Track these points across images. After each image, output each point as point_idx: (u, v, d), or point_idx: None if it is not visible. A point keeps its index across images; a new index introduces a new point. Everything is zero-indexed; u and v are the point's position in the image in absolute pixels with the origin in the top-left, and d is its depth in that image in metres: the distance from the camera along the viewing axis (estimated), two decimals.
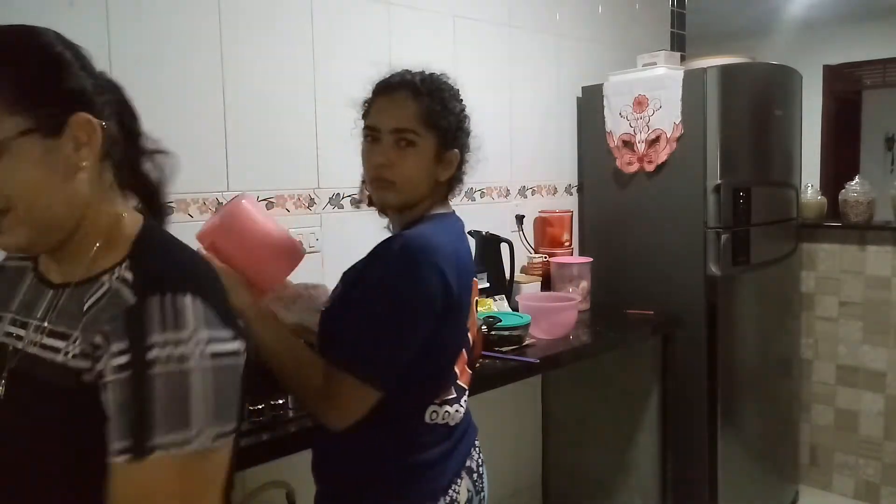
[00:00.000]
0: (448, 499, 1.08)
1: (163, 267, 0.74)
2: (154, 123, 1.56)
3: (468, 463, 1.15)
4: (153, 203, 0.85)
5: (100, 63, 1.52)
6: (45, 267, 0.83)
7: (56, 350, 0.73)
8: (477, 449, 1.20)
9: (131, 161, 0.82)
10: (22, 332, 0.78)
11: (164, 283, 0.70)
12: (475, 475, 1.17)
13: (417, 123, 1.07)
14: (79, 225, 0.75)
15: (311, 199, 1.86)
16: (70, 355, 0.71)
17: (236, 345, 0.71)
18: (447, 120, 1.10)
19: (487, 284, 2.10)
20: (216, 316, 0.70)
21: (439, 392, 1.10)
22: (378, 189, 1.10)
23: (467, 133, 1.16)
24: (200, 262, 0.79)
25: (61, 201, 0.73)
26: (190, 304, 0.68)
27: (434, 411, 1.09)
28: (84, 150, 0.73)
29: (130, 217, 0.80)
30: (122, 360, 0.66)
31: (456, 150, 1.12)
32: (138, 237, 0.77)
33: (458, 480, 1.12)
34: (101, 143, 0.74)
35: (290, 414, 1.35)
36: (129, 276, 0.72)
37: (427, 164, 1.09)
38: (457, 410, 1.12)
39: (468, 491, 1.13)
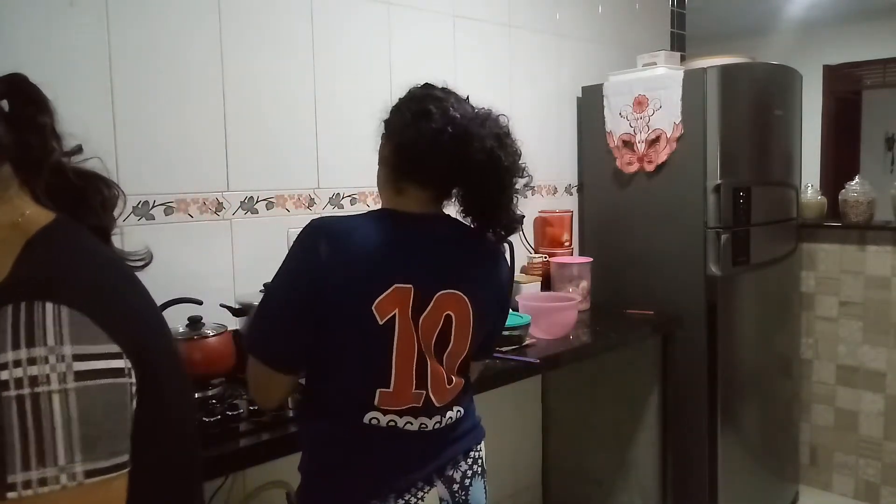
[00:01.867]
0: (402, 501, 1.05)
1: (30, 270, 0.63)
2: (154, 123, 1.57)
3: (449, 471, 1.10)
4: (84, 204, 0.75)
5: (100, 63, 1.53)
6: None
7: None
8: (469, 460, 1.14)
9: (34, 160, 0.71)
10: None
11: (22, 288, 0.59)
12: (456, 485, 1.11)
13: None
14: None
15: (311, 199, 1.86)
16: None
17: (118, 363, 0.60)
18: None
19: None
20: (95, 329, 0.59)
21: (362, 394, 1.02)
22: None
23: (391, 113, 1.11)
24: (101, 264, 0.69)
25: None
26: (50, 315, 0.58)
27: (375, 418, 1.02)
28: None
29: (30, 219, 0.69)
30: None
31: (382, 136, 1.12)
32: (29, 241, 0.66)
33: (425, 487, 1.07)
34: None
35: (290, 414, 1.35)
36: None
37: (379, 162, 1.13)
38: (410, 423, 1.04)
39: (442, 500, 1.09)
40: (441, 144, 1.02)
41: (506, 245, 2.14)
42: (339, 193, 1.91)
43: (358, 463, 1.04)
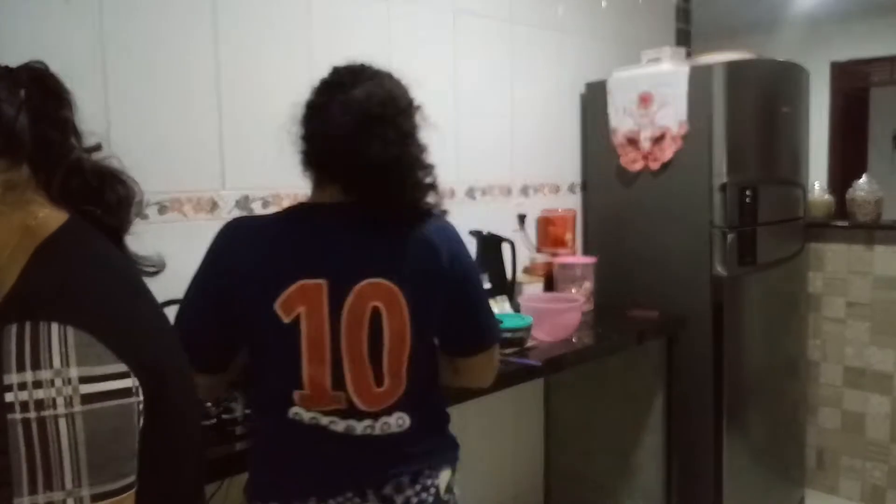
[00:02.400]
0: None
1: (35, 285, 0.62)
2: (148, 120, 1.54)
3: (387, 490, 1.02)
4: (101, 202, 0.73)
5: (93, 60, 1.50)
6: None
7: None
8: (416, 486, 1.04)
9: (54, 156, 0.69)
10: None
11: (26, 307, 0.58)
12: None
13: None
14: None
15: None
16: None
17: (125, 382, 0.59)
18: None
19: (489, 285, 2.07)
20: (101, 348, 0.58)
21: (282, 394, 0.99)
22: None
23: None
24: (111, 277, 0.67)
25: None
26: (56, 336, 0.56)
27: (297, 412, 1.00)
28: None
29: (42, 223, 0.67)
30: None
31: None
32: (37, 248, 0.65)
33: (355, 498, 1.01)
34: None
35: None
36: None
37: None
38: (334, 423, 1.00)
39: None
40: (335, 146, 0.99)
41: (507, 245, 2.13)
42: None
43: (283, 458, 1.03)
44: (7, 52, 1.34)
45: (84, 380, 0.57)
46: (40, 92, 0.69)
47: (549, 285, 2.29)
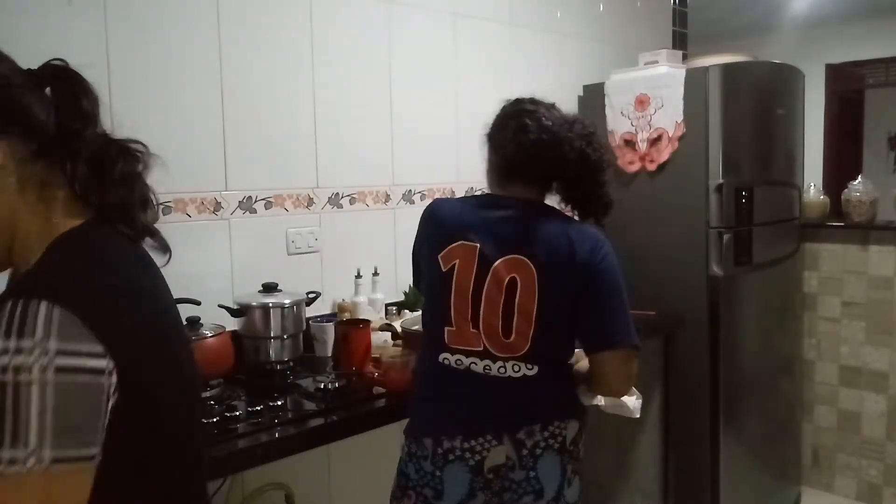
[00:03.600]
0: (467, 446, 1.21)
1: (37, 272, 0.67)
2: (152, 122, 1.56)
3: (520, 435, 1.21)
4: (112, 197, 0.75)
5: (98, 61, 1.51)
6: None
7: None
8: (545, 432, 1.22)
9: (79, 151, 0.72)
10: None
11: (24, 287, 0.63)
12: (525, 451, 1.21)
13: None
14: (12, 245, 0.70)
15: (310, 199, 1.85)
16: None
17: (100, 363, 0.63)
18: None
19: None
20: (82, 329, 0.62)
21: (438, 330, 1.26)
22: None
23: (491, 129, 1.37)
24: (103, 272, 0.70)
25: None
26: (43, 311, 0.61)
27: (446, 357, 1.25)
28: None
29: (66, 222, 0.71)
30: None
31: (487, 146, 1.37)
32: (51, 244, 0.69)
33: (493, 441, 1.20)
34: (13, 151, 0.67)
35: (289, 415, 1.34)
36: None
37: (488, 166, 1.40)
38: (470, 361, 1.23)
39: (506, 456, 1.20)
40: (540, 150, 1.24)
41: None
42: (338, 193, 1.90)
43: (434, 398, 1.26)
44: (10, 54, 1.36)
45: (61, 353, 0.61)
46: (65, 89, 0.73)
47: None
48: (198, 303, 1.47)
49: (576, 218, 1.35)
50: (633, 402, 1.29)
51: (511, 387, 1.21)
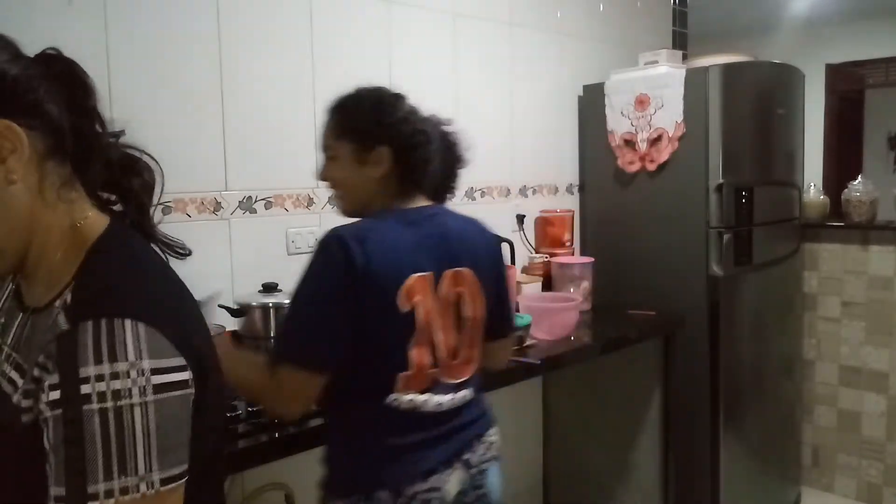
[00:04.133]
0: (427, 486, 1.10)
1: (102, 285, 0.64)
2: (152, 122, 1.56)
3: (466, 455, 1.17)
4: (126, 190, 0.75)
5: (98, 62, 1.51)
6: (21, 287, 0.74)
7: (15, 385, 0.65)
8: (483, 445, 1.21)
9: (87, 147, 0.70)
10: None
11: (99, 305, 0.61)
12: (474, 469, 1.17)
13: (331, 139, 1.20)
14: (30, 242, 0.67)
15: (310, 199, 1.85)
16: (20, 392, 0.63)
17: (184, 375, 0.63)
18: (356, 123, 1.18)
19: None
20: (165, 342, 0.61)
21: (384, 379, 1.10)
22: (334, 202, 1.25)
23: (394, 126, 1.16)
24: (159, 275, 0.71)
25: None
26: (129, 331, 0.59)
27: (396, 398, 1.10)
28: (11, 161, 0.63)
29: (90, 223, 0.70)
30: (55, 395, 0.58)
31: (382, 147, 1.15)
32: (90, 250, 0.67)
33: (447, 470, 1.13)
34: (35, 146, 0.65)
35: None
36: (69, 297, 0.64)
37: (351, 170, 1.18)
38: (428, 400, 1.12)
39: (461, 482, 1.15)
40: (439, 156, 1.20)
41: (505, 244, 2.15)
42: None
43: (385, 446, 1.11)
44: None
45: (155, 371, 0.60)
46: (68, 83, 0.70)
47: (548, 285, 2.31)
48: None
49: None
50: None
51: (458, 412, 1.17)
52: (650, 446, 2.31)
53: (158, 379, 0.60)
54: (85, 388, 0.57)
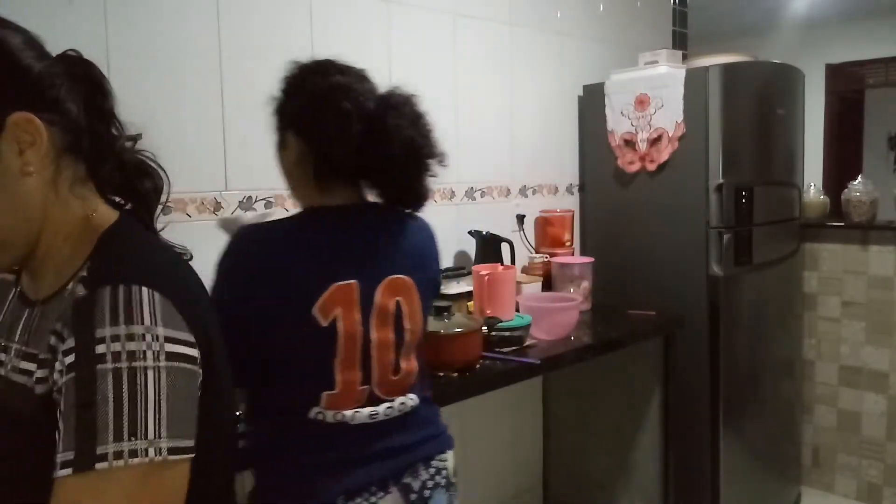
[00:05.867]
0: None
1: (119, 258, 0.66)
2: (152, 122, 1.55)
3: (406, 479, 1.05)
4: (136, 192, 0.76)
5: (97, 61, 1.51)
6: (24, 282, 0.74)
7: (29, 374, 0.65)
8: (430, 469, 1.08)
9: (102, 147, 0.72)
10: (3, 357, 0.69)
11: (117, 273, 0.62)
12: (413, 495, 1.05)
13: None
14: (40, 235, 0.68)
15: None
16: (35, 378, 0.63)
17: (194, 351, 0.63)
18: (275, 105, 1.09)
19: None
20: (177, 315, 0.62)
21: (308, 396, 0.99)
22: None
23: (299, 104, 1.05)
24: (171, 260, 0.72)
25: (11, 213, 0.64)
26: (146, 297, 0.60)
27: (320, 412, 0.99)
28: (29, 154, 0.64)
29: (101, 215, 0.71)
30: (70, 359, 0.58)
31: (287, 131, 1.07)
32: (103, 234, 0.69)
33: (378, 492, 1.02)
34: (52, 141, 0.66)
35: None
36: (85, 273, 0.65)
37: (280, 159, 1.11)
38: (356, 414, 1.01)
39: None
40: (366, 146, 1.00)
41: (506, 245, 2.14)
42: None
43: (306, 462, 1.00)
44: None
45: (169, 339, 0.60)
46: (88, 84, 0.72)
47: (548, 285, 2.30)
48: None
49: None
50: None
51: (393, 426, 1.05)
52: (650, 446, 2.31)
53: (171, 347, 0.60)
54: (100, 348, 0.57)
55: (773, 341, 2.54)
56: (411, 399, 1.08)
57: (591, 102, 2.53)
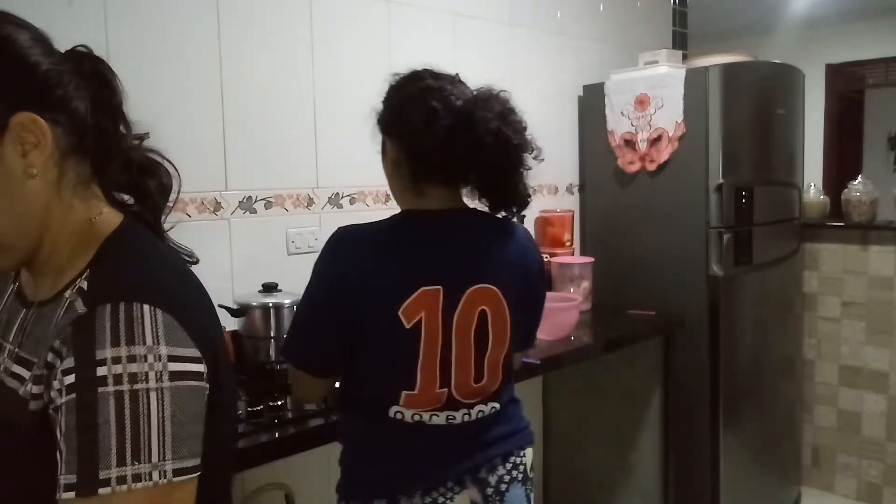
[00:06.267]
0: (428, 501, 1.06)
1: (120, 272, 0.64)
2: (152, 122, 1.56)
3: (483, 474, 1.10)
4: (141, 192, 0.75)
5: None
6: (23, 279, 0.73)
7: (20, 380, 0.63)
8: (507, 464, 1.13)
9: (109, 146, 0.70)
10: None
11: (117, 289, 0.60)
12: (490, 489, 1.10)
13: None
14: (42, 238, 0.66)
15: (310, 199, 1.85)
16: (29, 385, 0.62)
17: (199, 367, 0.61)
18: (380, 111, 1.13)
19: None
20: (182, 333, 0.60)
21: (389, 393, 1.04)
22: None
23: (396, 109, 1.08)
24: (175, 270, 0.70)
25: (13, 216, 0.63)
26: (148, 315, 0.58)
27: (399, 411, 1.04)
28: (33, 155, 0.63)
29: (105, 219, 0.69)
30: (69, 379, 0.57)
31: (385, 138, 1.11)
32: (106, 242, 0.67)
33: (455, 487, 1.08)
34: (57, 142, 0.64)
35: (290, 415, 1.34)
36: (84, 285, 0.63)
37: (384, 163, 1.14)
38: (434, 417, 1.06)
39: (472, 501, 1.10)
40: (454, 139, 1.01)
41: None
42: (338, 193, 1.90)
43: (386, 456, 1.07)
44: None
45: (172, 358, 0.59)
46: (96, 81, 0.70)
47: (548, 285, 2.31)
48: None
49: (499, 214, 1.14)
50: None
51: (473, 428, 1.09)
52: (650, 446, 2.31)
53: (175, 366, 0.59)
54: (101, 371, 0.56)
55: (773, 341, 2.54)
56: (492, 407, 1.11)
57: (591, 102, 2.53)
